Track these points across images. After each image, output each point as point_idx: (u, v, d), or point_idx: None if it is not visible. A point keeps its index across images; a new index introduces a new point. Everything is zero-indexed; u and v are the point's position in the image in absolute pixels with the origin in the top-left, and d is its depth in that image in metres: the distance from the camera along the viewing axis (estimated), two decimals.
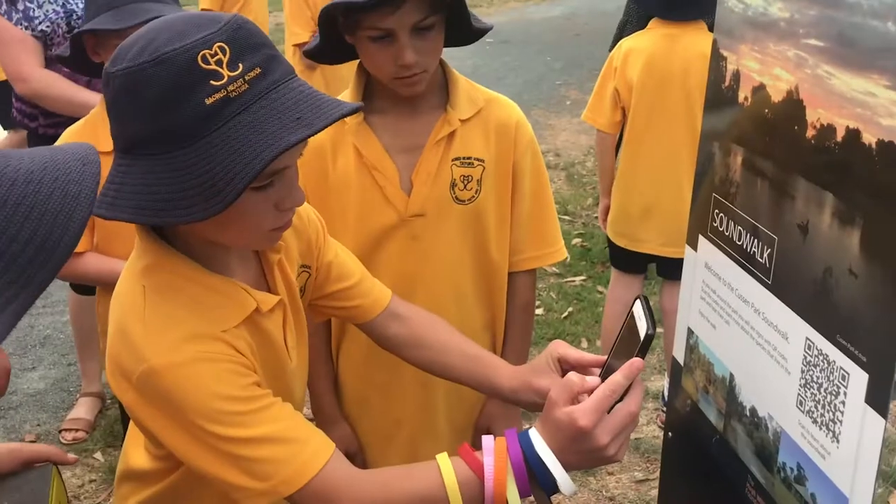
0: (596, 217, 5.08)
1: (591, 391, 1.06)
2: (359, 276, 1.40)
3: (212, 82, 0.94)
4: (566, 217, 5.10)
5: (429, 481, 1.07)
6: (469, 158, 1.58)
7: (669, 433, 1.61)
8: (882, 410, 1.00)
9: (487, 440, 1.10)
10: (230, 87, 0.95)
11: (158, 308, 1.06)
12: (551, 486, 1.05)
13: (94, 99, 2.47)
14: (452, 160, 1.57)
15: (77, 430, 3.18)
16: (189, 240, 1.10)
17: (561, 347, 1.25)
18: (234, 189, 0.94)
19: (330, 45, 1.54)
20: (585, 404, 1.03)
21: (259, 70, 0.97)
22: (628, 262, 3.06)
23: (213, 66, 0.94)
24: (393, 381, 1.69)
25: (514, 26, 10.79)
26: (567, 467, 1.05)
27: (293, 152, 1.03)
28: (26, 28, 2.68)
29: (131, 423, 1.24)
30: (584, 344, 3.66)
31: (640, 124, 2.90)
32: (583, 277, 4.29)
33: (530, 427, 1.10)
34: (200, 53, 0.94)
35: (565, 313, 3.91)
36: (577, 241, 4.72)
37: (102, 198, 1.01)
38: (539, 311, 3.95)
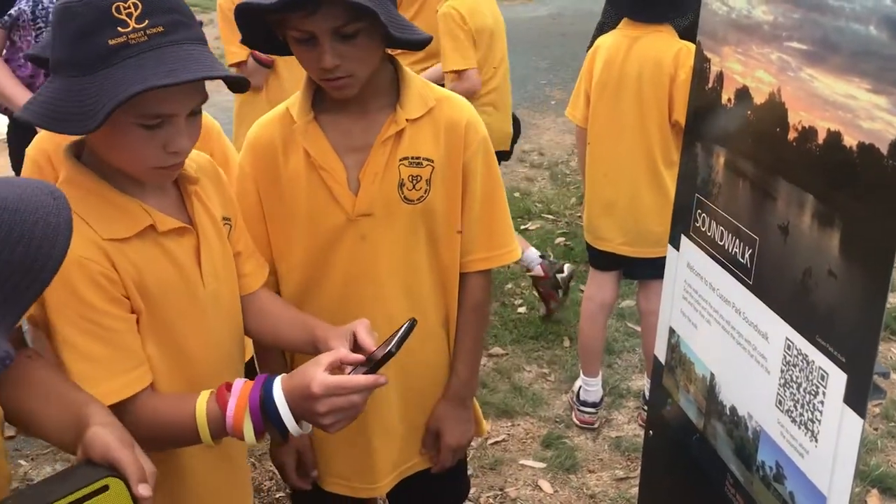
0: (579, 216, 5.10)
1: (352, 363, 1.27)
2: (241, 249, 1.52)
3: (118, 28, 1.16)
4: (549, 216, 5.12)
5: (186, 412, 1.25)
6: (418, 158, 1.57)
7: (650, 431, 1.62)
8: (860, 410, 1.01)
9: (238, 382, 1.26)
10: (131, 36, 1.17)
11: None
12: (283, 428, 1.23)
13: (19, 96, 2.57)
14: (400, 160, 1.56)
15: None
16: (101, 163, 1.29)
17: (360, 327, 1.36)
18: (102, 112, 1.13)
19: (257, 39, 1.53)
20: (326, 378, 1.21)
21: (161, 28, 1.18)
22: (599, 259, 3.08)
23: (124, 17, 1.17)
24: None
25: (532, 24, 10.81)
26: (296, 416, 1.23)
27: (173, 100, 1.21)
28: None
29: None
30: (567, 343, 3.68)
31: (599, 123, 2.92)
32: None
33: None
34: (115, 4, 1.16)
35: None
36: (560, 240, 4.74)
37: (27, 104, 1.22)
38: (522, 309, 3.96)
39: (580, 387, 3.17)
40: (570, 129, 6.74)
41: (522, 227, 4.94)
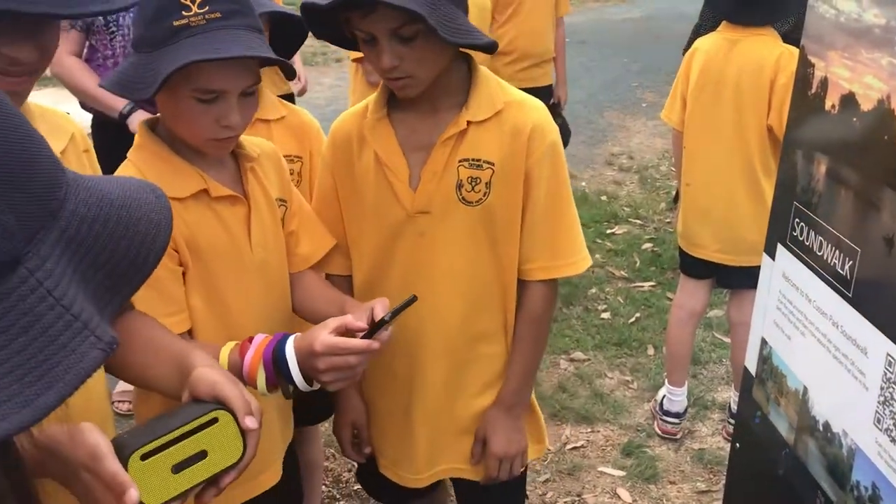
0: (668, 222, 5.00)
1: (357, 330, 1.37)
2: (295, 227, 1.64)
3: (182, 12, 1.32)
4: (637, 221, 5.04)
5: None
6: (478, 160, 1.57)
7: (737, 444, 1.58)
8: None
9: (258, 337, 1.38)
10: (192, 19, 1.32)
11: (129, 172, 1.44)
12: (291, 381, 1.36)
13: (95, 92, 2.72)
14: (460, 161, 1.57)
15: (128, 401, 3.22)
16: (171, 134, 1.47)
17: (379, 304, 1.43)
18: (155, 83, 1.31)
19: (327, 36, 1.59)
20: (327, 338, 1.33)
21: (218, 14, 1.33)
22: (692, 267, 3.01)
23: (188, 2, 1.32)
24: (413, 377, 1.70)
25: (591, 27, 10.70)
26: (303, 372, 1.35)
27: (223, 78, 1.36)
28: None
29: None
30: (651, 351, 3.61)
31: (695, 126, 2.85)
32: (652, 283, 4.24)
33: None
34: None
35: (632, 318, 3.87)
36: (647, 245, 4.67)
37: (109, 76, 1.41)
38: (605, 315, 3.91)
39: (664, 396, 3.11)
40: (660, 133, 6.63)
41: (608, 231, 4.89)
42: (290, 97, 2.82)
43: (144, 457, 0.97)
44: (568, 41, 4.42)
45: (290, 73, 1.54)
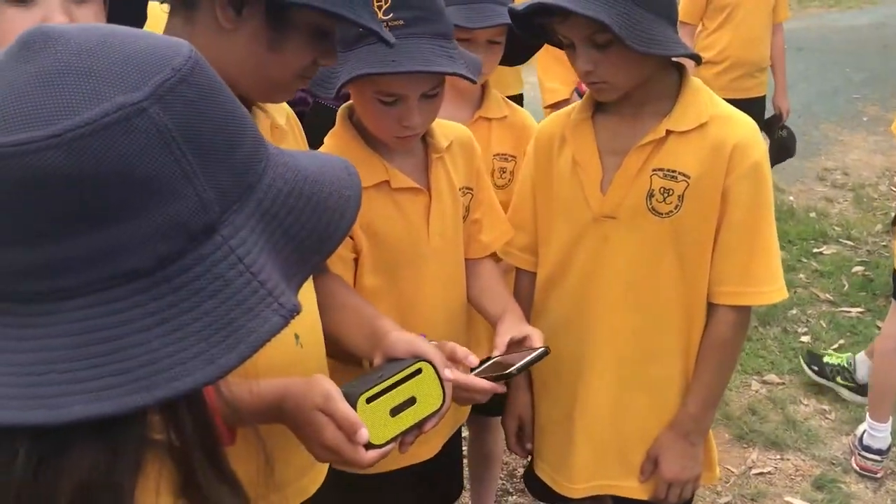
0: (884, 245, 4.64)
1: (464, 366, 1.36)
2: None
3: None
4: (848, 242, 4.69)
5: None
6: (673, 171, 1.52)
7: None
8: None
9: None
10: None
11: None
12: None
13: None
14: (654, 170, 1.53)
15: None
16: (362, 125, 1.54)
17: (536, 335, 1.48)
18: (335, 86, 1.38)
19: (544, 39, 1.60)
20: (457, 374, 1.30)
21: (401, 22, 1.36)
22: None
23: (375, 9, 1.34)
24: (578, 385, 1.67)
25: (810, 34, 10.05)
26: None
27: (401, 83, 1.40)
28: None
29: None
30: None
31: None
32: (860, 309, 3.93)
33: None
34: (376, 2, 1.36)
35: (835, 345, 3.62)
36: (858, 269, 4.33)
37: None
38: (805, 339, 3.68)
39: (864, 431, 2.89)
40: (882, 150, 6.13)
41: (815, 250, 4.60)
42: (518, 98, 2.82)
43: (369, 400, 1.09)
44: (784, 48, 4.19)
45: (472, 81, 1.50)
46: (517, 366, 1.37)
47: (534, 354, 1.39)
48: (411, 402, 1.13)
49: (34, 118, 0.55)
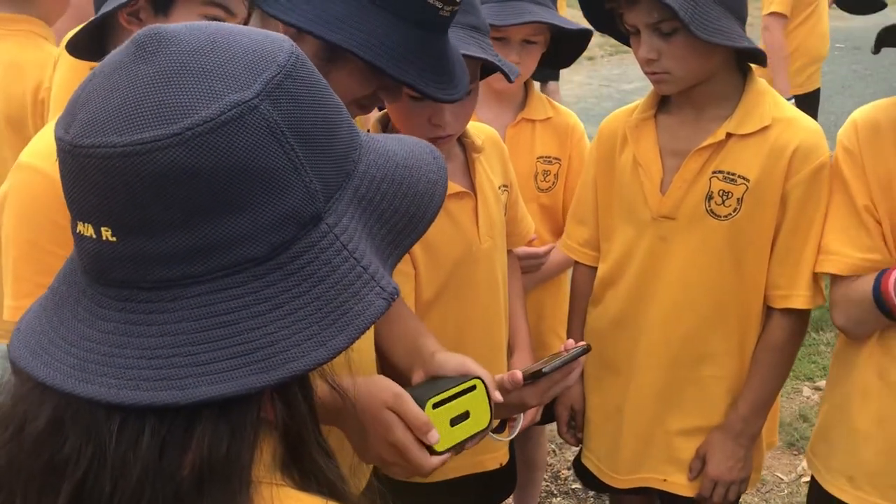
0: None
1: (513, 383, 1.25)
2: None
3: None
4: None
5: None
6: (732, 174, 1.51)
7: None
8: None
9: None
10: None
11: None
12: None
13: None
14: (713, 172, 1.52)
15: None
16: (397, 131, 1.49)
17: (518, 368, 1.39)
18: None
19: (611, 30, 1.61)
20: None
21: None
22: None
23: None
24: (630, 379, 1.68)
25: (871, 33, 9.76)
26: None
27: None
28: None
29: None
30: None
31: None
32: None
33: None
34: None
35: None
36: None
37: None
38: None
39: None
40: None
41: None
42: None
43: (435, 406, 1.08)
44: (841, 47, 4.13)
45: (508, 78, 1.46)
46: (553, 364, 1.34)
47: (573, 352, 1.36)
48: (465, 416, 1.11)
49: (157, 117, 0.58)
